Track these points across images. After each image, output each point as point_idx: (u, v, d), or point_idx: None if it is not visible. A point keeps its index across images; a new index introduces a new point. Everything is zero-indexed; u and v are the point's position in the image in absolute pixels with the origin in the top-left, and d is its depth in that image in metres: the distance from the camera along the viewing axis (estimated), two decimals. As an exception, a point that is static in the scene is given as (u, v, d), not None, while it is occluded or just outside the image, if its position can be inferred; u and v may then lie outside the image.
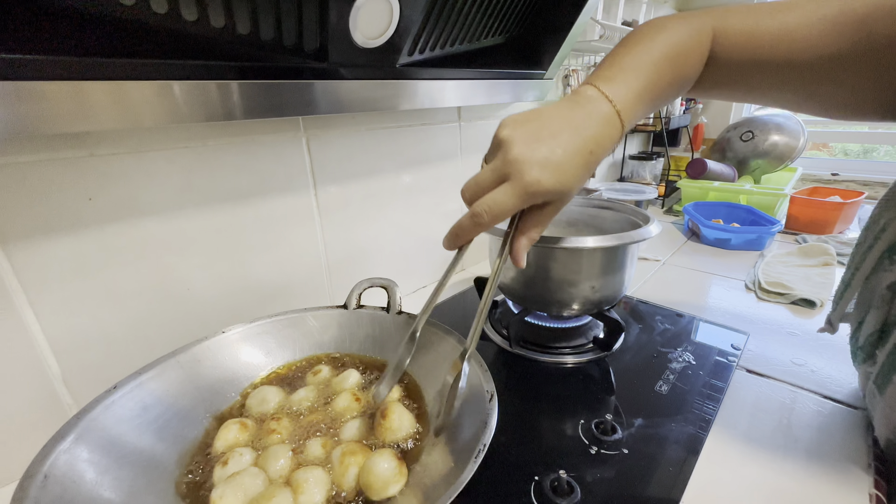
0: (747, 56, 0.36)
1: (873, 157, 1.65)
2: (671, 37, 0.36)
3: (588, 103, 0.33)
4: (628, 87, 0.34)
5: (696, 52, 0.37)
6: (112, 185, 0.41)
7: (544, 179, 0.30)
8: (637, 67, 0.34)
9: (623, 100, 0.33)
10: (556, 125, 0.31)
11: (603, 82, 0.34)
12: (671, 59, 0.35)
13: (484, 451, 0.26)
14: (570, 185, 0.31)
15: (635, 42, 0.36)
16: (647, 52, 0.35)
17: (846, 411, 0.44)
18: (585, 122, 0.32)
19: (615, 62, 0.35)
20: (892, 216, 0.33)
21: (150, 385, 0.34)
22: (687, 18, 0.37)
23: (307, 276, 0.60)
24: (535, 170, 0.29)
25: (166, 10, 0.33)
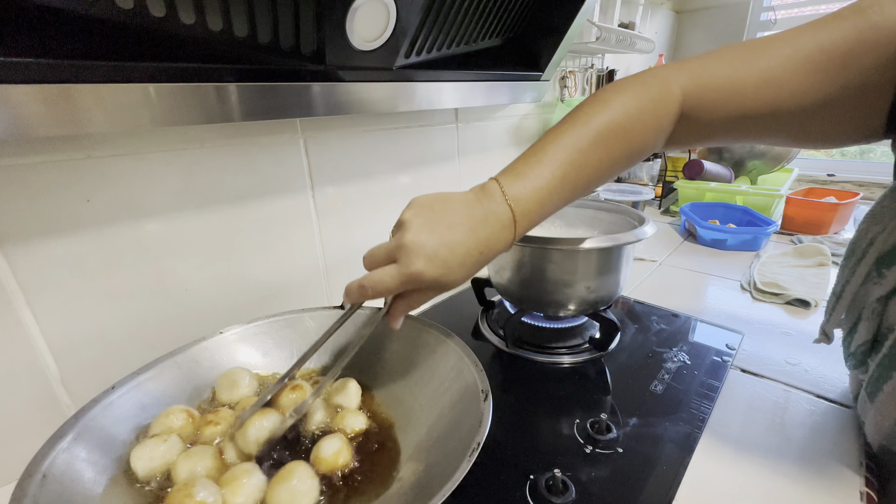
0: (731, 110, 0.35)
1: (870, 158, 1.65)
2: (617, 112, 0.34)
3: (489, 202, 0.33)
4: (535, 186, 0.33)
5: (651, 121, 0.35)
6: (110, 187, 0.41)
7: (427, 271, 0.31)
8: (555, 159, 0.33)
9: (524, 202, 0.33)
10: (454, 220, 0.32)
11: (511, 178, 0.33)
12: (609, 137, 0.34)
13: (478, 450, 0.26)
14: (451, 280, 0.33)
15: (569, 122, 0.35)
16: (573, 137, 0.34)
17: (839, 410, 0.44)
18: (481, 223, 0.32)
19: (535, 150, 0.34)
20: (879, 230, 0.34)
21: (148, 385, 0.35)
22: (646, 82, 0.36)
23: (305, 276, 0.60)
24: (421, 261, 0.31)
25: (164, 14, 0.34)
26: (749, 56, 0.34)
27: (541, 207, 0.34)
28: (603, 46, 0.90)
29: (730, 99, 0.34)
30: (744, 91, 0.33)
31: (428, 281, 0.32)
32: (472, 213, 0.33)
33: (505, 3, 0.59)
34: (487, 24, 0.61)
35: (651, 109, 0.35)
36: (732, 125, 0.35)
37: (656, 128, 0.36)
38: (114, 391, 0.33)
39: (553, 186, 0.33)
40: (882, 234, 0.33)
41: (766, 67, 0.33)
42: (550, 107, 1.03)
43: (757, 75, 0.33)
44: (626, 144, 0.35)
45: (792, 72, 0.32)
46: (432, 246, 0.31)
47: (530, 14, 0.68)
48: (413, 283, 0.32)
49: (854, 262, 0.37)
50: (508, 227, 0.33)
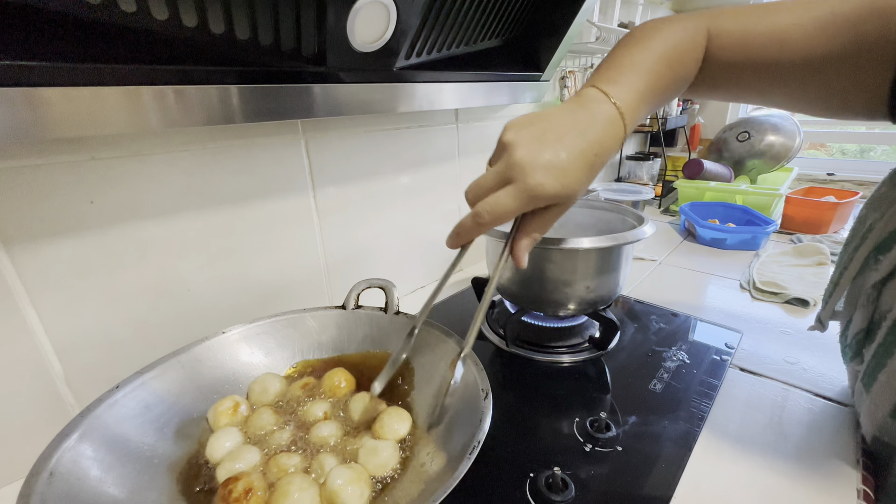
0: (739, 56, 0.36)
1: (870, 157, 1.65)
2: (668, 38, 0.36)
3: (592, 104, 0.33)
4: (630, 87, 0.34)
5: (692, 53, 0.37)
6: (113, 188, 0.41)
7: (548, 183, 0.29)
8: (637, 68, 0.35)
9: (625, 100, 0.33)
10: (561, 128, 0.31)
11: (605, 83, 0.34)
12: (669, 60, 0.36)
13: (478, 448, 0.26)
14: (573, 189, 0.31)
15: (633, 43, 0.36)
16: (645, 53, 0.35)
17: (836, 408, 0.44)
18: (589, 124, 0.32)
19: (615, 63, 0.36)
20: (877, 217, 0.34)
21: (152, 384, 0.35)
22: (682, 20, 0.38)
23: (306, 277, 0.60)
24: (539, 173, 0.29)
25: (167, 17, 0.34)
26: (764, 10, 0.36)
27: (639, 106, 0.34)
28: (603, 46, 0.90)
29: (739, 44, 0.36)
30: (752, 40, 0.35)
31: (549, 193, 0.30)
32: (577, 117, 0.32)
33: (505, 4, 0.60)
34: (487, 25, 0.61)
35: (691, 43, 0.37)
36: (738, 72, 0.37)
37: (696, 57, 0.38)
38: (118, 390, 0.33)
39: (645, 91, 0.34)
40: (880, 221, 0.34)
41: (776, 22, 0.35)
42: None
43: (766, 27, 0.35)
44: (682, 67, 0.37)
45: (799, 28, 0.33)
46: (547, 156, 0.30)
47: (530, 15, 0.68)
48: (534, 201, 0.30)
49: (852, 249, 0.37)
50: (617, 122, 0.33)
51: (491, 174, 0.32)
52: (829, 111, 0.37)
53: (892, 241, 0.33)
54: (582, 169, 0.31)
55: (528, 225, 0.33)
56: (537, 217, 0.33)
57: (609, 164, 1.37)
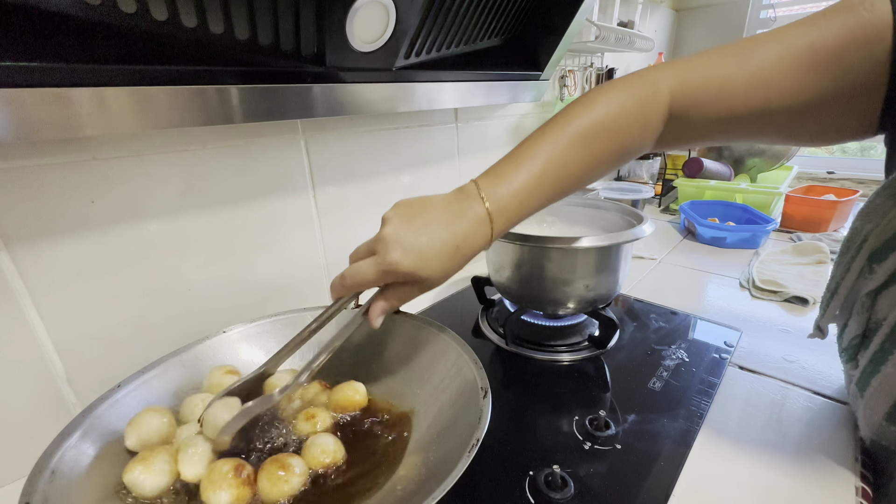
0: (721, 111, 0.35)
1: (870, 155, 1.65)
2: (599, 111, 0.35)
3: (466, 200, 0.34)
4: (513, 187, 0.34)
5: (636, 121, 0.36)
6: (114, 188, 0.42)
7: (402, 261, 0.32)
8: (535, 159, 0.34)
9: (500, 201, 0.34)
10: (431, 215, 0.33)
11: (488, 179, 0.35)
12: (591, 136, 0.35)
13: (477, 446, 0.27)
14: (428, 273, 0.33)
15: (552, 124, 0.36)
16: (553, 138, 0.35)
17: (835, 406, 0.44)
18: (457, 219, 0.33)
19: (516, 153, 0.36)
20: (872, 227, 0.34)
21: (153, 383, 0.35)
22: (633, 83, 0.36)
23: (306, 276, 0.61)
24: (398, 251, 0.32)
25: (167, 18, 0.34)
26: (738, 56, 0.34)
27: (519, 206, 0.34)
28: (602, 45, 0.90)
29: (719, 100, 0.34)
30: (734, 91, 0.34)
31: (404, 271, 0.32)
32: (449, 209, 0.34)
33: (504, 3, 0.60)
34: (487, 24, 0.61)
35: (636, 109, 0.35)
36: (724, 125, 0.36)
37: (642, 127, 0.36)
38: (120, 389, 0.33)
39: (532, 185, 0.34)
40: (875, 230, 0.34)
41: (756, 68, 0.33)
42: (550, 106, 1.03)
43: (746, 76, 0.33)
44: (609, 143, 0.36)
45: (782, 72, 0.32)
46: (409, 238, 0.32)
47: (529, 14, 0.68)
48: (390, 274, 0.33)
49: (848, 258, 0.37)
50: (485, 223, 0.34)
51: (365, 244, 0.35)
52: (824, 140, 0.37)
53: (887, 250, 0.33)
54: (440, 257, 0.33)
55: (388, 293, 0.35)
56: (397, 289, 0.35)
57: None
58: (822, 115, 0.33)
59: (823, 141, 0.37)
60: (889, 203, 0.32)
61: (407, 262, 0.32)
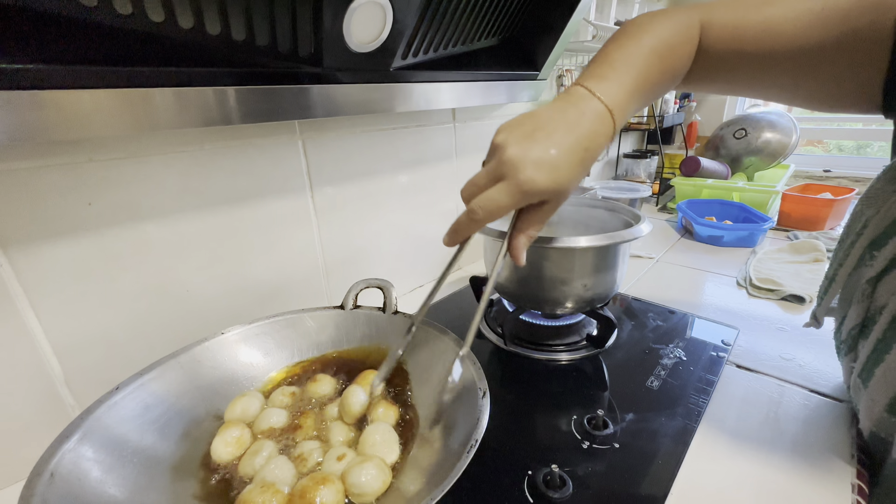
0: (733, 49, 0.37)
1: (867, 154, 1.66)
2: (659, 32, 0.37)
3: (580, 102, 0.33)
4: (619, 83, 0.34)
5: (684, 47, 0.38)
6: (111, 190, 0.42)
7: (538, 178, 0.30)
8: (626, 64, 0.35)
9: (613, 97, 0.34)
10: (550, 125, 0.32)
11: (593, 81, 0.34)
12: (660, 54, 0.36)
13: (476, 446, 0.27)
14: (564, 184, 0.32)
15: (624, 39, 0.37)
16: (635, 48, 0.36)
17: (831, 404, 0.45)
18: (578, 121, 0.32)
19: (605, 59, 0.36)
20: (872, 213, 0.34)
21: (151, 385, 0.35)
22: (674, 14, 0.38)
23: (305, 277, 0.61)
24: (530, 169, 0.30)
25: (163, 19, 0.34)
26: (758, 2, 0.36)
27: (628, 101, 0.35)
28: (599, 45, 0.90)
29: (733, 36, 0.36)
30: (746, 32, 0.36)
31: (542, 188, 0.30)
32: (566, 114, 0.32)
33: (501, 3, 0.60)
34: (484, 24, 0.61)
35: (685, 35, 0.37)
36: (734, 64, 0.38)
37: (690, 52, 0.38)
38: (118, 392, 0.33)
39: (635, 86, 0.35)
40: (875, 216, 0.34)
41: (770, 14, 0.35)
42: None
43: (762, 19, 0.35)
44: (672, 61, 0.37)
45: (793, 21, 0.34)
46: (537, 152, 0.30)
47: (526, 14, 0.68)
48: (527, 196, 0.31)
49: (848, 245, 0.37)
50: (606, 118, 0.33)
51: (484, 173, 0.32)
52: (823, 104, 0.37)
53: (887, 236, 0.33)
54: (572, 164, 0.31)
55: (524, 222, 0.34)
56: (531, 214, 0.34)
57: (606, 162, 1.37)
58: (823, 71, 0.34)
59: (824, 103, 0.37)
60: (889, 188, 0.32)
61: (543, 177, 0.30)
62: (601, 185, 1.16)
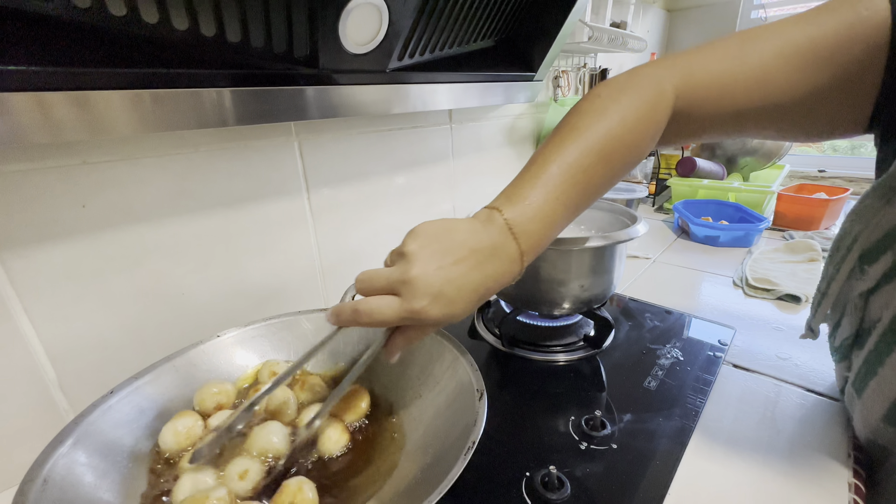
0: (724, 107, 0.35)
1: (860, 154, 1.67)
2: (615, 122, 0.34)
3: (498, 235, 0.31)
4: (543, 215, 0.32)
5: (650, 128, 0.35)
6: (105, 192, 0.41)
7: (432, 311, 0.29)
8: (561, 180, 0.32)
9: (533, 236, 0.32)
10: (460, 253, 0.30)
11: (517, 211, 0.32)
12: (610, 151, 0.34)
13: (473, 448, 0.27)
14: (455, 317, 0.31)
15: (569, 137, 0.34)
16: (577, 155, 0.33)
17: (828, 403, 0.45)
18: (489, 258, 0.31)
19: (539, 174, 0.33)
20: (862, 227, 0.34)
21: (146, 389, 0.35)
22: (640, 85, 0.35)
23: (302, 278, 0.60)
24: (426, 299, 0.29)
25: (157, 21, 0.34)
26: (739, 51, 0.34)
27: (549, 235, 0.33)
28: (595, 46, 0.91)
29: (721, 96, 0.34)
30: (735, 87, 0.34)
31: (433, 318, 0.30)
32: (480, 245, 0.31)
33: (497, 4, 0.60)
34: (480, 25, 0.61)
35: (649, 115, 0.34)
36: (724, 121, 0.36)
37: (654, 133, 0.35)
38: (112, 396, 0.33)
39: (559, 211, 0.33)
40: (865, 230, 0.34)
41: (757, 63, 0.33)
42: (544, 106, 1.04)
43: (748, 71, 0.33)
44: (626, 155, 0.35)
45: (783, 67, 0.32)
46: (438, 284, 0.29)
47: (522, 15, 0.68)
48: (414, 321, 0.30)
49: (839, 259, 0.37)
50: (517, 260, 0.32)
51: (384, 276, 0.31)
52: (818, 136, 0.37)
53: (878, 251, 0.33)
54: (470, 300, 0.31)
55: (408, 332, 0.33)
56: (417, 329, 0.33)
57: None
58: (819, 110, 0.34)
59: (818, 137, 0.37)
60: (879, 204, 0.33)
61: (435, 310, 0.29)
62: (598, 185, 1.16)
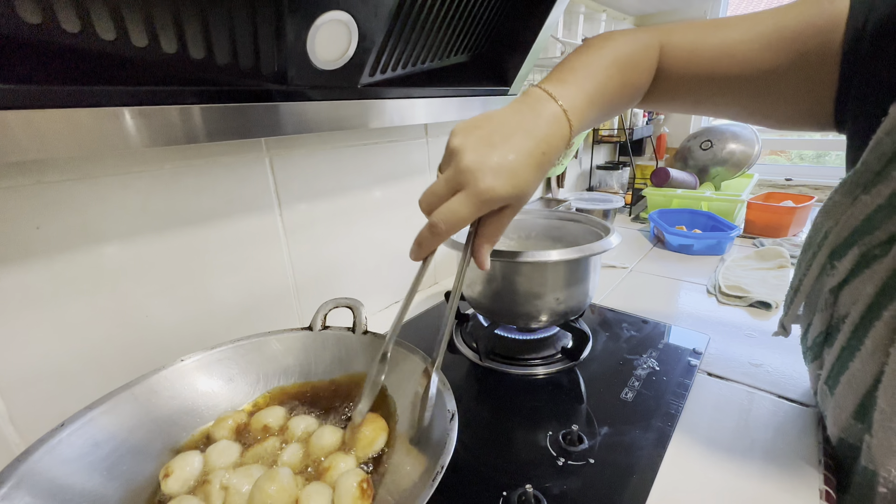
0: (691, 71, 0.39)
1: (825, 163, 1.74)
2: (621, 47, 0.38)
3: (537, 104, 0.33)
4: (578, 87, 0.35)
5: (644, 63, 0.39)
6: (62, 213, 0.40)
7: (498, 186, 0.29)
8: (587, 71, 0.36)
9: (571, 100, 0.34)
10: (507, 129, 0.31)
11: (552, 84, 0.35)
12: (620, 66, 0.37)
13: (442, 473, 0.26)
14: (524, 189, 0.31)
15: (586, 49, 0.38)
16: (597, 58, 0.37)
17: (799, 409, 0.46)
18: (535, 123, 0.32)
19: (566, 66, 0.37)
20: (832, 224, 0.35)
21: (101, 420, 0.33)
22: (636, 33, 0.39)
23: (274, 297, 0.59)
24: (489, 177, 0.29)
25: (115, 37, 0.33)
26: (714, 26, 0.38)
27: (586, 106, 0.34)
28: (568, 61, 0.92)
29: (690, 58, 0.38)
30: (703, 53, 0.38)
31: (502, 195, 0.30)
32: (522, 117, 0.32)
33: (469, 20, 0.61)
34: (452, 41, 0.62)
35: (645, 53, 0.39)
36: (694, 86, 0.39)
37: (649, 66, 0.39)
38: (63, 429, 0.31)
39: (594, 92, 0.35)
40: (835, 227, 0.35)
41: (724, 37, 0.37)
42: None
43: (717, 43, 0.37)
44: (633, 76, 0.38)
45: (747, 43, 0.36)
46: (495, 159, 0.29)
47: (495, 31, 0.69)
48: (489, 204, 0.30)
49: (810, 255, 0.38)
50: (562, 121, 0.33)
51: (442, 182, 0.31)
52: (781, 122, 0.39)
53: (846, 246, 0.34)
54: (531, 168, 0.31)
55: (486, 227, 0.33)
56: (493, 219, 0.33)
57: (580, 174, 1.40)
58: (778, 91, 0.36)
59: (781, 121, 0.39)
60: (847, 200, 0.34)
61: (503, 185, 0.29)
62: (576, 196, 1.18)
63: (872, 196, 0.31)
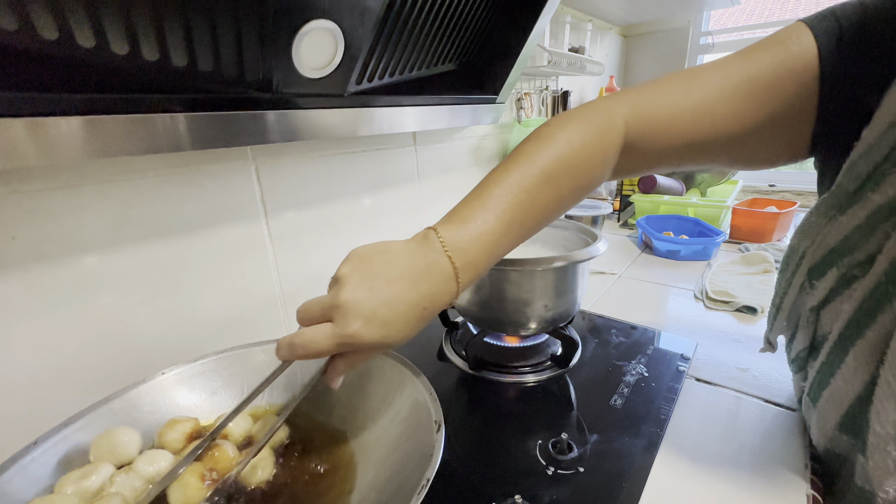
0: (673, 137, 0.36)
1: (807, 169, 1.78)
2: (562, 147, 0.34)
3: (430, 253, 0.31)
4: (479, 231, 0.31)
5: (596, 155, 0.35)
6: (39, 222, 0.39)
7: (366, 334, 0.28)
8: (500, 199, 0.32)
9: (465, 253, 0.31)
10: (395, 272, 0.30)
11: (452, 228, 0.31)
12: (559, 173, 0.34)
13: (427, 486, 0.25)
14: (395, 339, 0.30)
15: (515, 162, 0.34)
16: (520, 177, 0.33)
17: (786, 414, 0.46)
18: (423, 276, 0.30)
19: (481, 193, 0.33)
20: (808, 244, 0.36)
21: (76, 437, 0.32)
22: (589, 115, 0.36)
23: (261, 307, 0.58)
24: (358, 322, 0.28)
25: (94, 45, 0.32)
26: (685, 86, 0.36)
27: (488, 255, 0.32)
28: (555, 70, 0.94)
29: (669, 127, 0.36)
30: (682, 119, 0.35)
31: (367, 342, 0.29)
32: (414, 265, 0.30)
33: (455, 29, 0.61)
34: (440, 49, 0.62)
35: (596, 143, 0.35)
36: (673, 153, 0.37)
37: (602, 161, 0.36)
38: (36, 447, 0.30)
39: (499, 231, 0.32)
40: (811, 247, 0.35)
41: (700, 97, 0.35)
42: (508, 127, 1.06)
43: (693, 105, 0.35)
44: (573, 180, 0.35)
45: (725, 101, 0.34)
46: (370, 305, 0.28)
47: (481, 40, 0.70)
48: (350, 346, 0.29)
49: (790, 274, 0.39)
50: (451, 279, 0.31)
51: (318, 304, 0.30)
52: (761, 164, 0.39)
53: (825, 265, 0.34)
54: (408, 322, 0.30)
55: (352, 356, 0.32)
56: (355, 353, 0.32)
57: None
58: (760, 140, 0.36)
59: (761, 165, 0.39)
60: (822, 220, 0.34)
61: (370, 332, 0.28)
62: (565, 203, 1.18)
63: (849, 216, 0.31)
